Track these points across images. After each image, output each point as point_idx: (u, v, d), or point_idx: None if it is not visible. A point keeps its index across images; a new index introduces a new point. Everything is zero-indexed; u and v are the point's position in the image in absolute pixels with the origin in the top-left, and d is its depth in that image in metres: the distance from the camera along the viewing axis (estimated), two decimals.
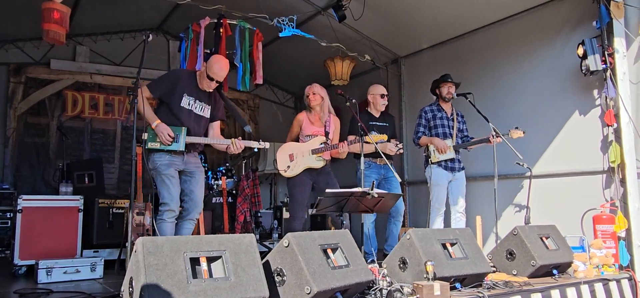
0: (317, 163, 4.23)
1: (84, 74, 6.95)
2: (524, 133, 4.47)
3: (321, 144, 4.23)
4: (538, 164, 4.86)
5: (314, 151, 4.21)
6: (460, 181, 4.75)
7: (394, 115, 5.37)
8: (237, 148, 3.62)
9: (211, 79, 3.60)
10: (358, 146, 4.26)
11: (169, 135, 3.44)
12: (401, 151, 4.60)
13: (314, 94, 4.33)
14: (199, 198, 3.66)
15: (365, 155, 4.57)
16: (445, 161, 4.68)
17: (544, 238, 3.71)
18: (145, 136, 3.46)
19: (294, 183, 4.22)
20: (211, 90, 3.68)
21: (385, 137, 4.32)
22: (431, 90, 4.99)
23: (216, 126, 3.87)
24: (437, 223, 4.65)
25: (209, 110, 3.75)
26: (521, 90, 5.14)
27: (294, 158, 4.20)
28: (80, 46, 6.98)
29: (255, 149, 3.79)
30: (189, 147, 3.58)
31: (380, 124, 4.81)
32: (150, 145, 3.45)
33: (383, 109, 4.88)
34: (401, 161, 6.45)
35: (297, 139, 4.39)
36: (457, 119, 4.85)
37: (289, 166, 4.18)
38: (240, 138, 3.68)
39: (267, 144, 3.77)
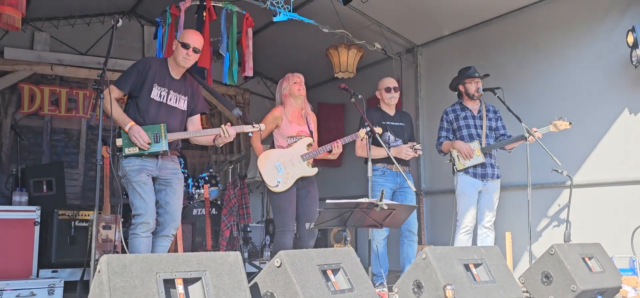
0: (311, 170, 4.22)
1: (43, 64, 6.96)
2: (570, 124, 4.36)
3: (308, 146, 4.23)
4: (580, 171, 4.84)
5: (304, 157, 4.18)
6: (492, 191, 4.67)
7: (410, 113, 5.31)
8: (229, 136, 3.65)
9: (186, 47, 3.62)
10: (379, 151, 4.25)
11: (144, 140, 3.45)
12: (419, 152, 4.56)
13: (295, 83, 4.29)
14: (175, 210, 3.67)
15: (380, 161, 4.57)
16: (474, 167, 4.63)
17: (586, 259, 3.69)
18: (119, 142, 3.47)
19: (279, 196, 4.15)
20: (186, 66, 3.70)
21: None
22: (452, 87, 4.96)
23: (196, 120, 3.88)
24: (462, 240, 4.60)
25: (186, 101, 3.76)
26: (559, 85, 5.12)
27: (284, 168, 4.14)
28: (39, 32, 7.00)
29: (250, 134, 3.80)
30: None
31: (395, 124, 4.76)
32: (127, 151, 3.47)
33: (392, 104, 4.81)
34: (417, 168, 6.43)
35: (270, 141, 4.38)
36: (487, 116, 4.79)
37: (279, 181, 4.11)
38: (229, 124, 3.71)
39: (262, 126, 3.80)
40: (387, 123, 4.70)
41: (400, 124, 4.80)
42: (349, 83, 4.59)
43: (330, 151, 4.23)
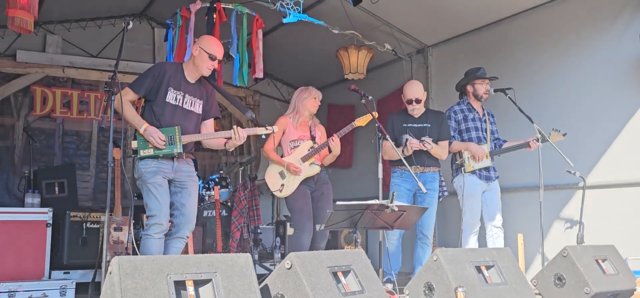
0: (313, 169, 4.34)
1: (55, 67, 7.02)
2: (564, 135, 4.45)
3: (309, 149, 4.34)
4: (593, 172, 4.81)
5: (304, 158, 4.31)
6: (496, 191, 4.72)
7: (441, 111, 5.05)
8: (241, 138, 3.70)
9: (213, 59, 3.68)
10: (392, 152, 4.27)
11: (160, 139, 3.49)
12: (427, 145, 4.45)
13: (314, 98, 4.45)
14: (191, 212, 3.70)
15: (398, 163, 4.54)
16: (480, 169, 4.63)
17: (600, 261, 3.66)
18: (134, 144, 3.50)
19: (293, 198, 4.32)
20: (207, 74, 3.75)
21: None
22: (458, 87, 4.93)
23: (210, 124, 3.92)
24: (471, 241, 4.61)
25: (201, 105, 3.80)
26: (571, 85, 5.09)
27: (287, 174, 4.33)
28: (51, 35, 7.06)
29: (264, 136, 3.89)
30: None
31: (417, 126, 4.64)
32: (143, 153, 3.49)
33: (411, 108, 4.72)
34: None
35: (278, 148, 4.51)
36: (489, 119, 4.81)
37: (282, 185, 4.31)
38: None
39: (275, 128, 3.85)
40: (408, 125, 4.64)
41: (424, 125, 4.64)
42: (359, 84, 4.58)
43: (330, 150, 4.32)
